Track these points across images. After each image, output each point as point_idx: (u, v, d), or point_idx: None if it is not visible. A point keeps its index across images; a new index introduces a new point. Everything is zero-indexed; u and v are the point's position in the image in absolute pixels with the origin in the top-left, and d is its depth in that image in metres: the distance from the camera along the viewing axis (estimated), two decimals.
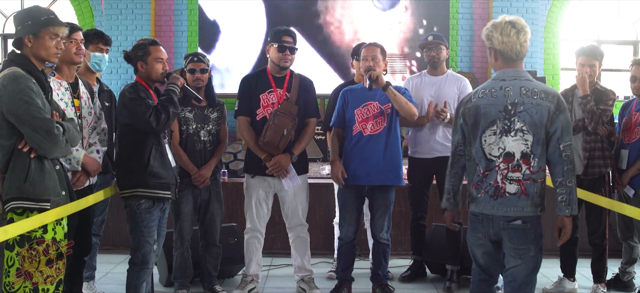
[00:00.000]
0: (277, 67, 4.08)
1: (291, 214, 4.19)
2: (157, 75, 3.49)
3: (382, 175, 4.00)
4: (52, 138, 2.71)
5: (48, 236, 2.80)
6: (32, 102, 2.68)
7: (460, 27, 8.68)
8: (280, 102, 4.05)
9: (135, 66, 3.50)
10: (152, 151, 3.38)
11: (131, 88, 3.44)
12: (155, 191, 3.39)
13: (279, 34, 4.05)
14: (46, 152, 2.75)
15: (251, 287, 4.22)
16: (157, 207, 3.44)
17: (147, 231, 3.42)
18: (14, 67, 2.76)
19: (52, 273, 2.83)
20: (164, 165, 3.43)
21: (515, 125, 2.76)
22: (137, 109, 3.34)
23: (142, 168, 3.35)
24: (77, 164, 3.27)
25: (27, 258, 2.75)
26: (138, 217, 3.40)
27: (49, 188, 2.78)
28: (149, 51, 3.45)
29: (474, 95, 2.90)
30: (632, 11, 9.03)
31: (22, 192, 2.72)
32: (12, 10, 9.08)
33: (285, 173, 4.02)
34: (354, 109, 4.05)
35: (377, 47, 4.05)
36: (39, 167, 2.75)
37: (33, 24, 2.79)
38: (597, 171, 4.12)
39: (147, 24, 8.61)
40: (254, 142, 4.04)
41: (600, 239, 4.24)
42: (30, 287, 2.76)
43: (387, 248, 4.17)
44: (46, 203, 2.76)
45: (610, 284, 4.46)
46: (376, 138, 4.00)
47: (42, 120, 2.69)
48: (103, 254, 4.79)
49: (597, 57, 4.15)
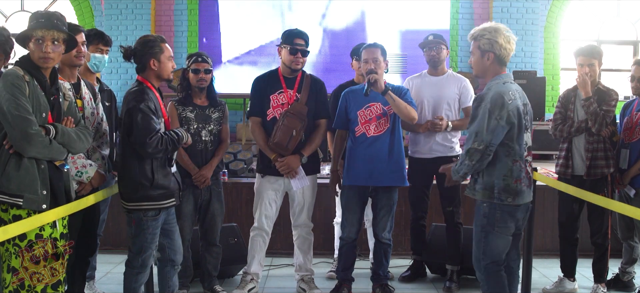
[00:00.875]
0: (289, 69, 4.09)
1: (298, 212, 4.20)
2: (168, 74, 3.36)
3: (387, 176, 4.00)
4: (26, 137, 2.69)
5: (45, 234, 2.79)
6: (15, 99, 2.68)
7: (460, 27, 8.69)
8: (290, 102, 4.06)
9: (143, 64, 3.32)
10: (154, 163, 3.27)
11: (139, 95, 3.23)
12: (161, 202, 3.32)
13: (291, 36, 4.05)
14: (21, 150, 2.73)
15: (251, 287, 4.22)
16: (161, 215, 3.38)
17: (152, 237, 3.36)
18: (16, 66, 2.81)
19: (41, 271, 2.80)
20: (166, 175, 3.34)
21: (528, 121, 3.25)
22: (144, 127, 3.16)
23: (148, 182, 3.24)
24: (88, 180, 3.27)
25: (13, 254, 2.74)
26: (144, 225, 3.32)
27: (23, 184, 2.75)
28: (162, 49, 3.31)
29: (510, 96, 3.12)
30: (632, 11, 9.04)
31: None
32: (12, 10, 9.08)
33: (294, 174, 4.03)
34: (356, 110, 4.05)
35: (378, 47, 4.03)
36: (16, 163, 2.74)
37: (28, 27, 2.83)
38: (599, 172, 4.11)
39: (147, 24, 8.61)
40: (264, 142, 4.05)
41: (602, 239, 4.24)
42: (18, 282, 2.76)
43: (389, 248, 4.17)
44: (19, 199, 2.74)
45: (610, 284, 4.45)
46: (380, 139, 4.01)
47: (19, 118, 2.68)
48: (103, 254, 4.78)
49: (596, 57, 4.14)
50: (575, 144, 4.19)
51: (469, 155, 3.13)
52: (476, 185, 3.23)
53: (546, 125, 7.61)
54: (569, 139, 4.20)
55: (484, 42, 3.18)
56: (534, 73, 8.04)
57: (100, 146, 3.50)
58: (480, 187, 3.20)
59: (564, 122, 4.22)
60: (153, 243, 3.38)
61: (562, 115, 4.25)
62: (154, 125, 3.19)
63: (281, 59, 4.11)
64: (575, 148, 4.19)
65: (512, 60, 8.39)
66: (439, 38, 4.45)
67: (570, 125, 4.18)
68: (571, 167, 4.19)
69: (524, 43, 8.46)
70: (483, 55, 3.20)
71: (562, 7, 8.73)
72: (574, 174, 4.18)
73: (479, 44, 3.19)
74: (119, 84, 8.58)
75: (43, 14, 2.87)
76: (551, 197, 5.28)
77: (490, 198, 3.16)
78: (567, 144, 4.21)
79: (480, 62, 3.23)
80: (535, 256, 4.22)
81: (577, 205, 4.23)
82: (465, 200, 4.83)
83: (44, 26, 2.81)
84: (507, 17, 8.38)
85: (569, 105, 4.24)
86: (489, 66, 3.22)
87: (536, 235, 4.79)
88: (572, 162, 4.19)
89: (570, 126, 4.17)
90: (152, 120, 3.18)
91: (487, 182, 3.17)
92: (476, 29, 3.27)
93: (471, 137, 3.13)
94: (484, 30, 3.20)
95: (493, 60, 3.19)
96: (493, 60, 3.19)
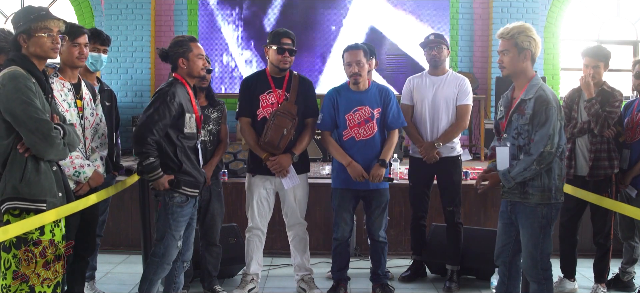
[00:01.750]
0: (276, 69, 4.09)
1: (290, 213, 4.21)
2: (198, 71, 3.48)
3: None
4: (48, 140, 2.69)
5: (45, 237, 2.78)
6: (30, 103, 2.66)
7: (460, 27, 8.69)
8: (279, 102, 4.06)
9: (174, 63, 3.46)
10: (179, 152, 3.38)
11: (172, 82, 3.40)
12: (187, 189, 3.41)
13: (278, 36, 4.06)
14: (41, 153, 2.72)
15: (251, 287, 4.22)
16: (189, 203, 3.45)
17: (175, 224, 3.40)
18: (14, 66, 2.74)
19: (49, 275, 2.80)
20: (193, 166, 3.45)
21: None
22: (150, 116, 3.28)
23: (175, 166, 3.36)
24: (85, 180, 3.29)
25: (23, 260, 2.73)
26: (169, 209, 3.38)
27: (44, 189, 2.76)
28: (190, 48, 3.43)
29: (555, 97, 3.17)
30: (632, 11, 9.04)
31: (18, 192, 2.70)
32: (12, 10, 9.08)
33: (285, 173, 4.03)
34: (344, 113, 4.06)
35: (360, 48, 4.03)
36: (35, 168, 2.73)
37: (24, 23, 2.78)
38: (602, 172, 4.10)
39: (147, 24, 8.61)
40: (255, 142, 4.05)
41: (604, 239, 4.24)
42: (27, 289, 2.75)
43: (385, 246, 4.18)
44: (42, 204, 2.74)
45: (610, 284, 4.45)
46: (369, 143, 4.03)
47: (39, 121, 2.67)
48: (103, 254, 4.79)
49: (601, 59, 4.12)
50: (579, 144, 4.18)
51: (542, 159, 3.08)
52: (529, 189, 3.17)
53: None
54: (572, 140, 4.20)
55: (522, 38, 3.14)
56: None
57: (98, 147, 3.51)
58: (536, 191, 3.15)
59: (568, 122, 4.22)
60: (176, 232, 3.41)
61: (567, 115, 4.25)
62: (157, 122, 3.28)
63: (268, 59, 4.12)
64: (578, 148, 4.18)
65: None
66: (440, 37, 4.45)
67: (573, 126, 4.18)
68: (574, 167, 4.18)
69: None
70: (520, 53, 3.16)
71: (562, 7, 8.73)
72: (577, 174, 4.17)
73: (516, 41, 3.15)
74: (119, 84, 8.57)
75: (42, 8, 2.85)
76: None
77: (549, 200, 3.16)
78: (570, 144, 4.20)
79: (516, 60, 3.18)
80: None
81: (579, 206, 4.22)
82: (465, 200, 4.83)
83: (51, 17, 2.81)
84: (507, 17, 8.38)
85: (573, 106, 4.23)
86: (525, 65, 3.19)
87: None
88: (575, 163, 4.19)
89: (573, 127, 4.17)
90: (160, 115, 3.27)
91: (545, 184, 3.15)
92: (508, 27, 3.22)
93: (543, 140, 3.08)
94: (520, 28, 3.17)
95: (529, 58, 3.18)
96: (529, 58, 3.18)
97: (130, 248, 5.29)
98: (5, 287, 2.76)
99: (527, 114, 3.15)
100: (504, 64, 3.22)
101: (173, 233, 3.39)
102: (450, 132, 4.34)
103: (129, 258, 5.18)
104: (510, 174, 3.17)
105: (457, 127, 4.35)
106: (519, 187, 3.19)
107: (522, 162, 3.14)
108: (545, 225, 3.18)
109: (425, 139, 4.40)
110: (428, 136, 4.39)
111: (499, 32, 3.26)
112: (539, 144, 3.09)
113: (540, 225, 3.17)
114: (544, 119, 3.09)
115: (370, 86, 4.11)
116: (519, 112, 3.20)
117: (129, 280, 4.58)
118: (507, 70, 3.23)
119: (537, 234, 3.18)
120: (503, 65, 3.23)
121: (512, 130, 3.24)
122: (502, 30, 3.23)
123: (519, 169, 3.14)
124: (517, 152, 3.21)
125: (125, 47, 8.59)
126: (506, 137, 3.28)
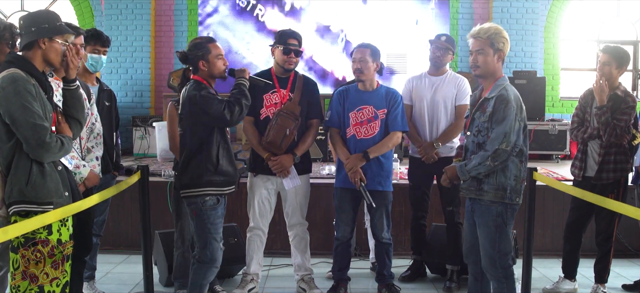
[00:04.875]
0: (282, 69, 4.09)
1: (291, 213, 4.21)
2: (219, 71, 3.49)
3: (373, 180, 4.03)
4: (44, 146, 2.68)
5: (53, 237, 2.78)
6: (29, 107, 2.64)
7: (460, 27, 8.68)
8: (283, 102, 4.07)
9: (195, 65, 3.47)
10: (220, 150, 3.42)
11: (197, 86, 3.41)
12: (221, 188, 3.44)
13: (284, 37, 4.07)
14: (38, 158, 2.72)
15: (251, 287, 4.22)
16: (221, 203, 3.47)
17: (214, 228, 3.44)
18: (14, 68, 2.72)
19: (58, 275, 2.82)
20: (231, 161, 3.49)
21: None
22: (211, 104, 3.35)
23: (212, 168, 3.38)
24: (81, 180, 3.31)
25: (32, 260, 2.74)
26: (203, 215, 3.41)
27: (51, 190, 2.76)
28: (209, 49, 3.44)
29: (517, 98, 3.19)
30: (632, 11, 9.04)
31: (25, 195, 2.70)
32: (12, 10, 9.08)
33: (287, 174, 4.03)
34: (349, 111, 4.07)
35: (368, 48, 4.06)
36: (40, 171, 2.72)
37: (50, 28, 2.77)
38: (612, 176, 4.09)
39: (147, 24, 8.61)
40: (257, 141, 4.06)
41: (605, 240, 4.23)
42: (36, 289, 2.75)
43: (390, 248, 4.18)
44: (49, 205, 2.74)
45: (631, 288, 4.45)
46: (369, 142, 4.02)
47: (36, 127, 2.65)
48: (103, 254, 4.79)
49: (616, 60, 4.08)
50: (591, 146, 4.18)
51: (496, 156, 3.11)
52: (484, 186, 3.21)
53: (546, 125, 7.62)
54: (584, 143, 4.20)
55: (498, 39, 3.18)
56: (534, 73, 8.04)
57: (94, 147, 3.50)
58: (490, 188, 3.19)
59: (580, 125, 4.23)
60: (217, 234, 3.45)
61: (580, 118, 4.26)
62: (219, 98, 3.35)
63: (274, 58, 4.13)
64: (590, 150, 4.18)
65: (512, 60, 8.38)
66: (450, 42, 4.44)
67: (583, 131, 4.19)
68: (584, 169, 4.19)
69: (524, 43, 8.46)
70: (495, 53, 3.20)
71: (562, 7, 8.73)
72: (585, 175, 4.18)
73: (492, 41, 3.17)
74: (119, 84, 8.57)
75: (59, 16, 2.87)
76: (551, 197, 5.28)
77: (503, 199, 3.18)
78: (582, 146, 4.21)
79: (491, 60, 3.21)
80: (535, 256, 4.22)
81: (588, 208, 4.17)
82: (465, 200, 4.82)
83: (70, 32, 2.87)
84: (507, 17, 8.38)
85: (587, 109, 4.23)
86: (498, 65, 3.23)
87: (536, 235, 4.79)
88: (586, 164, 4.19)
89: (584, 132, 4.18)
90: (214, 97, 3.38)
91: (500, 182, 3.18)
92: (484, 26, 3.23)
93: (498, 137, 3.11)
94: (497, 29, 3.20)
95: (501, 59, 3.23)
96: (501, 59, 3.23)
97: (130, 248, 5.28)
98: (15, 287, 2.76)
99: (487, 111, 3.19)
100: (479, 64, 3.24)
101: (214, 236, 3.44)
102: (449, 132, 4.35)
103: (129, 258, 5.18)
104: (466, 168, 3.24)
105: (456, 127, 4.35)
106: (475, 183, 3.24)
107: (477, 157, 3.20)
108: (500, 224, 3.20)
109: (424, 139, 4.40)
110: (427, 136, 4.40)
111: (473, 31, 3.27)
112: (495, 140, 3.13)
113: (495, 223, 3.21)
114: (502, 117, 3.12)
115: (379, 87, 4.12)
116: (481, 110, 3.25)
117: (129, 280, 4.58)
118: (481, 70, 3.25)
119: (493, 233, 3.21)
120: (477, 65, 3.25)
121: (474, 127, 3.29)
122: (477, 30, 3.24)
123: (474, 163, 3.20)
124: (476, 149, 3.25)
125: (125, 47, 8.59)
126: (469, 135, 3.34)
